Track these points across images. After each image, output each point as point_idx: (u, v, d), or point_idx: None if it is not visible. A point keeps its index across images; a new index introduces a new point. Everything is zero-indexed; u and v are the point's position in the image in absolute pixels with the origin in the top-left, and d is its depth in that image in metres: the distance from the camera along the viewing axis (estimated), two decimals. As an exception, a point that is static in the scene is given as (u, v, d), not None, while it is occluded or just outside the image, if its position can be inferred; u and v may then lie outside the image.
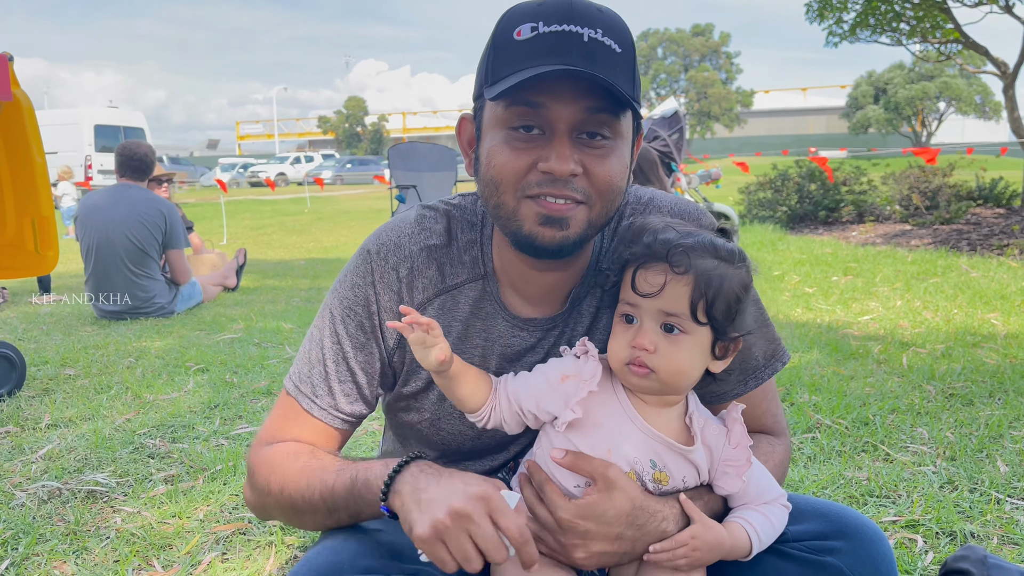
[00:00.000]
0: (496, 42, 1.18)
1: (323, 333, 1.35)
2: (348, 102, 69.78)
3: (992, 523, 2.15)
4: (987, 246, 8.01)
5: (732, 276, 1.16)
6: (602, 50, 1.13)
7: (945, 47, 12.24)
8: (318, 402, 1.34)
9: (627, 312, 1.19)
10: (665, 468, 1.20)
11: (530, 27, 1.14)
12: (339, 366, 1.34)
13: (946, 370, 3.62)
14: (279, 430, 1.36)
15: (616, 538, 1.18)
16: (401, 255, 1.33)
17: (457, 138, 1.34)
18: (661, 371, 1.16)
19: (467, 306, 1.34)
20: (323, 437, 1.35)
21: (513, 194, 1.18)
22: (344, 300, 1.34)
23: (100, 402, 3.45)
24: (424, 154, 10.19)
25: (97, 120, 24.46)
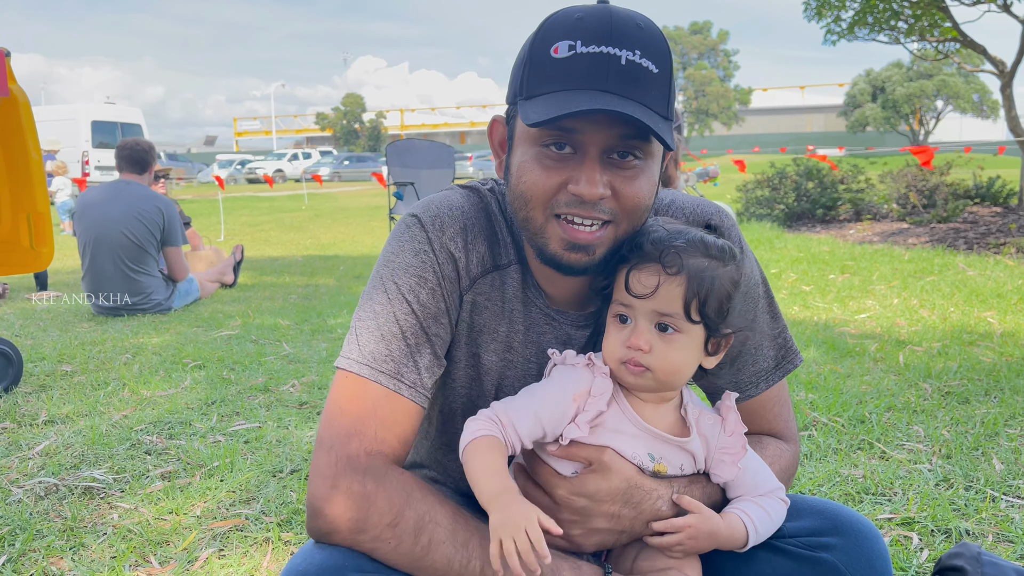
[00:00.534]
0: (533, 55, 1.17)
1: (393, 307, 1.24)
2: (346, 99, 69.69)
3: (987, 521, 2.16)
4: (984, 245, 8.02)
5: (723, 274, 1.18)
6: (639, 73, 1.13)
7: (943, 46, 12.26)
8: (405, 380, 1.22)
9: (621, 312, 1.20)
10: (663, 459, 1.23)
11: (568, 45, 1.13)
12: (419, 338, 1.24)
13: (942, 368, 3.63)
14: (360, 425, 1.19)
15: (612, 516, 1.20)
16: (456, 227, 1.29)
17: (488, 139, 1.33)
18: (657, 370, 1.18)
19: (513, 287, 1.32)
20: (409, 419, 1.23)
21: (542, 211, 1.19)
22: (410, 268, 1.26)
23: (97, 398, 3.45)
24: (422, 151, 10.18)
25: (94, 116, 24.39)
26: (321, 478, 1.17)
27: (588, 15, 1.14)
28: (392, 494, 1.15)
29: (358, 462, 1.17)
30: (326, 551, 1.14)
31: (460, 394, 1.36)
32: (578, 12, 1.16)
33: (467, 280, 1.29)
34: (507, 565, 1.04)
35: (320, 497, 1.16)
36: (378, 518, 1.13)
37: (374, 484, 1.15)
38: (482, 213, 1.33)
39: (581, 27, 1.13)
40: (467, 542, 1.13)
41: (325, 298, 6.21)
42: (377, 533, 1.13)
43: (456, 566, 1.12)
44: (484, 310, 1.32)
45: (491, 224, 1.33)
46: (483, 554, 1.12)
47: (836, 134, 60.60)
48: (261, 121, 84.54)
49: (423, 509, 1.15)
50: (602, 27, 1.13)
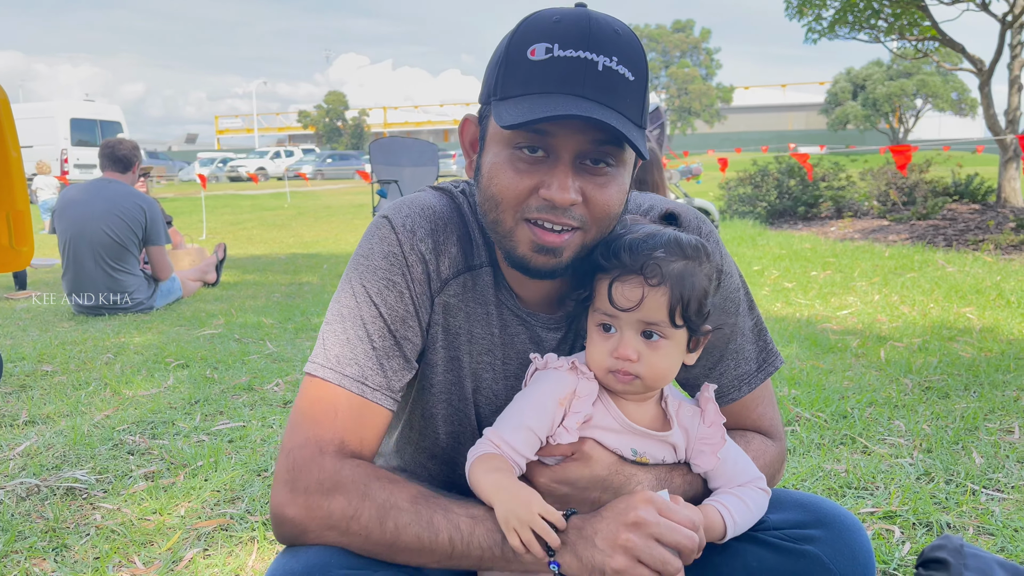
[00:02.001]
0: (509, 56, 1.16)
1: (360, 310, 1.24)
2: (328, 96, 69.35)
3: (968, 514, 2.19)
4: (963, 241, 8.11)
5: (700, 273, 1.19)
6: (615, 80, 1.13)
7: (922, 44, 12.37)
8: (369, 383, 1.22)
9: (605, 322, 1.21)
10: (645, 453, 1.25)
11: (545, 47, 1.12)
12: (386, 341, 1.24)
13: (923, 364, 3.67)
14: (334, 427, 1.20)
15: (593, 502, 1.21)
16: (427, 229, 1.28)
17: (460, 138, 1.31)
18: (645, 376, 1.19)
19: (487, 289, 1.32)
20: (374, 423, 1.23)
21: (512, 214, 1.18)
22: (378, 271, 1.26)
23: (78, 398, 3.42)
24: (405, 149, 10.16)
25: (73, 113, 24.15)
26: (280, 484, 1.18)
27: (566, 18, 1.14)
28: (349, 489, 1.16)
29: (316, 464, 1.18)
30: (311, 550, 1.14)
31: (440, 398, 1.36)
32: (556, 15, 1.15)
33: (438, 282, 1.29)
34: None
35: (280, 503, 1.17)
36: (340, 514, 1.15)
37: (331, 483, 1.16)
38: (454, 214, 1.33)
39: (559, 30, 1.12)
40: (431, 519, 1.14)
41: (309, 296, 6.18)
42: (344, 528, 1.14)
43: (427, 543, 1.13)
44: (458, 312, 1.31)
45: (464, 225, 1.32)
46: (448, 527, 1.14)
47: (817, 132, 61.04)
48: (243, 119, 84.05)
49: (382, 497, 1.15)
50: (580, 31, 1.12)
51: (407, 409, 1.42)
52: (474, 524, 1.14)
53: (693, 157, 22.98)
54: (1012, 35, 10.48)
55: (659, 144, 8.00)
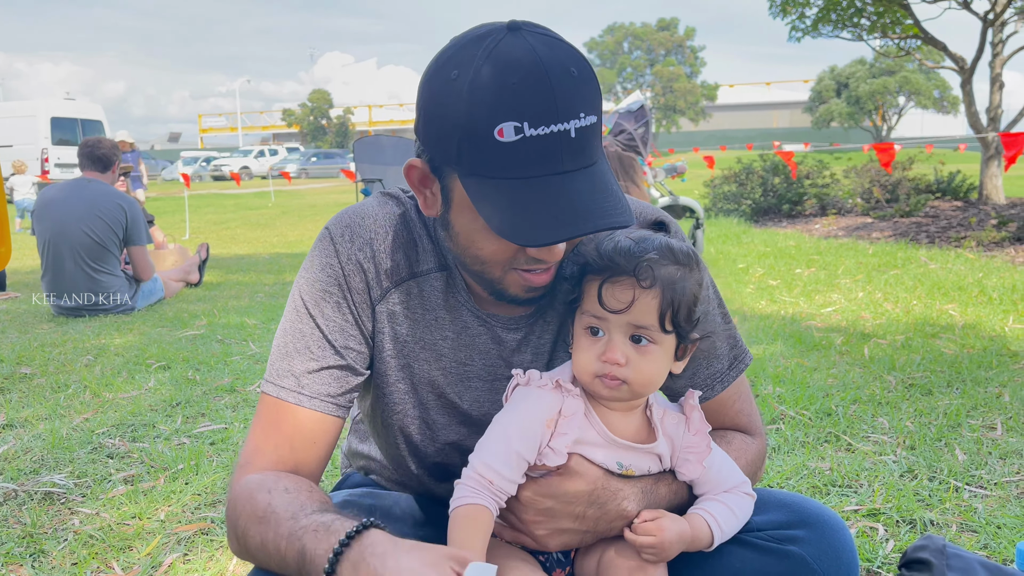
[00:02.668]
0: (473, 130, 1.06)
1: (299, 323, 1.27)
2: (313, 95, 69.06)
3: (951, 511, 2.19)
4: (945, 238, 8.17)
5: (690, 280, 1.18)
6: (587, 134, 1.09)
7: (905, 43, 12.46)
8: (306, 391, 1.24)
9: (593, 325, 1.18)
10: (631, 465, 1.23)
11: (513, 127, 1.04)
12: (324, 351, 1.25)
13: (906, 361, 3.68)
14: (263, 442, 1.24)
15: (577, 516, 1.20)
16: (366, 237, 1.28)
17: (406, 177, 1.24)
18: (633, 382, 1.17)
19: (436, 295, 1.31)
20: (316, 430, 1.24)
21: (501, 269, 1.19)
22: (315, 283, 1.27)
23: (57, 401, 3.37)
24: (390, 148, 10.12)
25: (54, 112, 23.89)
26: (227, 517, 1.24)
27: (522, 80, 1.04)
28: (240, 496, 1.19)
29: (244, 485, 1.21)
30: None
31: (396, 408, 1.35)
32: (512, 76, 1.04)
33: (378, 290, 1.29)
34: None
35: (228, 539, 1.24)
36: (234, 522, 1.19)
37: (233, 493, 1.21)
38: (398, 221, 1.31)
39: (522, 104, 1.04)
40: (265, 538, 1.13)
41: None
42: (240, 539, 1.18)
43: (272, 555, 1.12)
44: (405, 319, 1.30)
45: (409, 231, 1.31)
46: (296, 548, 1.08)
47: (801, 130, 61.41)
48: (227, 117, 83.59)
49: (261, 505, 1.15)
50: (545, 100, 1.04)
51: (368, 417, 1.44)
52: (288, 543, 1.09)
53: (678, 155, 23.06)
54: (994, 33, 10.58)
55: (644, 142, 8.01)
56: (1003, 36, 10.68)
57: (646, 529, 1.19)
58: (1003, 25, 10.57)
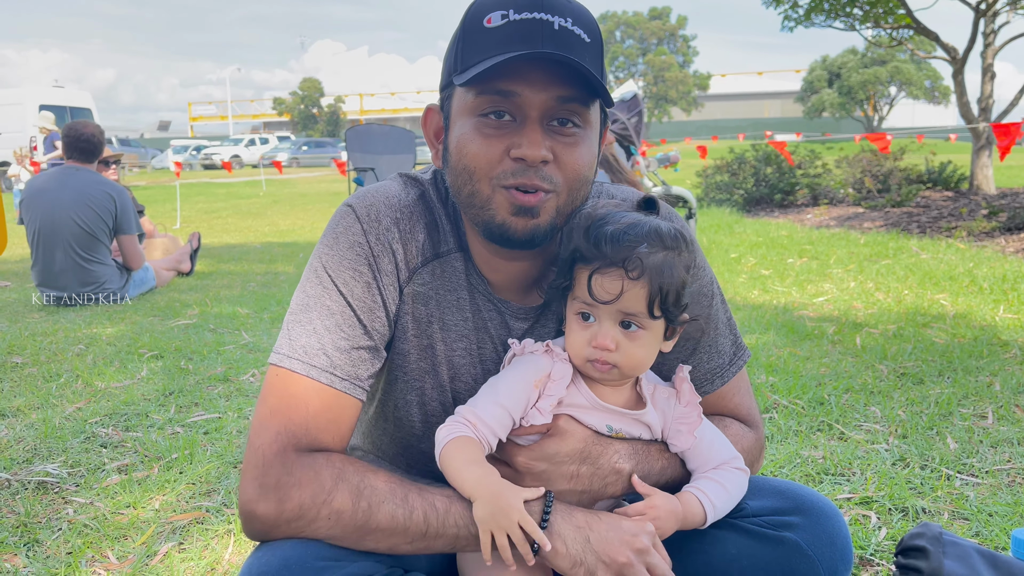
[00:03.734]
0: (465, 30, 1.18)
1: (327, 300, 1.22)
2: (304, 83, 68.68)
3: (943, 499, 2.21)
4: (936, 228, 8.20)
5: (678, 264, 1.19)
6: (572, 38, 1.15)
7: (897, 32, 12.46)
8: (339, 373, 1.20)
9: (584, 311, 1.21)
10: (621, 430, 1.26)
11: (500, 15, 1.15)
12: (354, 331, 1.22)
13: (897, 350, 3.70)
14: (303, 419, 1.18)
15: (571, 476, 1.22)
16: (392, 217, 1.27)
17: (423, 129, 1.31)
18: (623, 365, 1.20)
19: (458, 275, 1.31)
20: (344, 414, 1.21)
21: (488, 182, 1.18)
22: (344, 261, 1.23)
23: (49, 390, 3.36)
24: (381, 136, 10.08)
25: (42, 100, 23.66)
26: (250, 480, 1.15)
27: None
28: (323, 475, 1.14)
29: (288, 459, 1.15)
30: (287, 544, 1.13)
31: (414, 387, 1.34)
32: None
33: (406, 272, 1.28)
34: (498, 557, 1.10)
35: (250, 500, 1.14)
36: (311, 502, 1.13)
37: (301, 474, 1.14)
38: (420, 201, 1.31)
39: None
40: (406, 497, 1.14)
41: (284, 285, 6.13)
42: (314, 515, 1.13)
43: (401, 521, 1.13)
44: (429, 300, 1.30)
45: (430, 212, 1.31)
46: (423, 504, 1.14)
47: (793, 119, 61.48)
48: (217, 106, 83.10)
49: (356, 480, 1.15)
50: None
51: (378, 400, 1.41)
52: (450, 503, 1.14)
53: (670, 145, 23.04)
54: (986, 23, 10.59)
55: (636, 132, 8.00)
56: (995, 26, 10.69)
57: (637, 509, 1.20)
58: (995, 15, 10.59)
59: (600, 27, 1.21)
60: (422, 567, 1.24)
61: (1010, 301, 4.73)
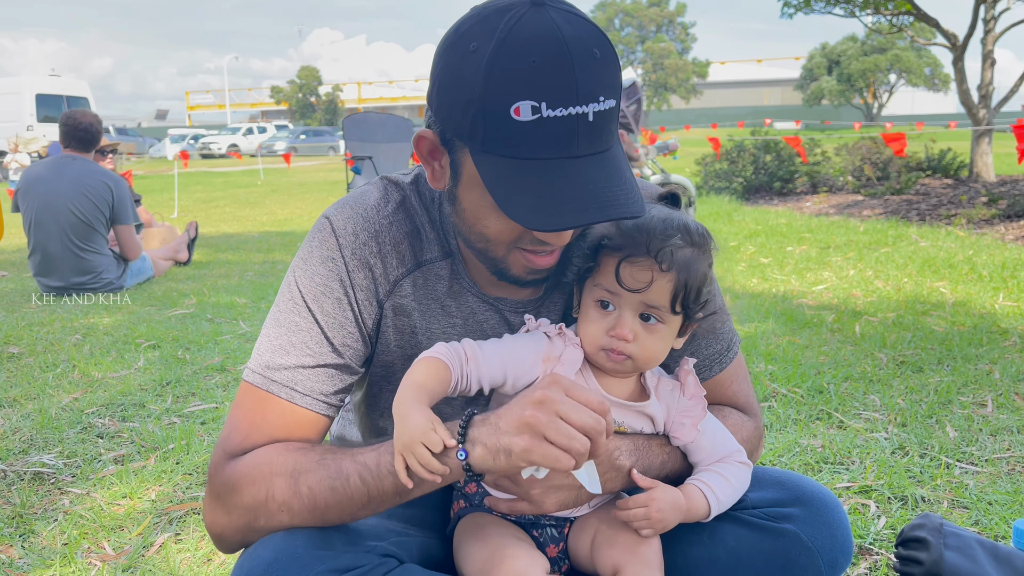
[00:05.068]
0: (487, 107, 1.03)
1: (295, 315, 1.22)
2: (301, 72, 68.42)
3: (942, 487, 2.20)
4: (936, 216, 8.18)
5: (703, 262, 1.19)
6: (605, 119, 1.05)
7: (897, 19, 12.39)
8: (300, 388, 1.20)
9: (604, 298, 1.19)
10: (623, 423, 1.25)
11: (531, 107, 1.01)
12: (321, 348, 1.22)
13: (897, 338, 3.69)
14: (249, 433, 1.20)
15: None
16: (372, 231, 1.25)
17: (415, 149, 1.22)
18: (637, 357, 1.19)
19: (441, 283, 1.29)
20: (305, 428, 1.21)
21: (505, 248, 1.17)
22: (315, 276, 1.23)
23: (46, 381, 3.35)
24: (379, 124, 10.04)
25: (39, 89, 23.63)
26: (206, 499, 1.21)
27: (543, 58, 1.00)
28: (255, 474, 1.15)
29: (225, 467, 1.19)
30: (277, 537, 1.13)
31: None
32: (532, 55, 1.01)
33: (386, 286, 1.26)
34: (416, 478, 1.08)
35: (206, 517, 1.20)
36: (254, 501, 1.14)
37: (236, 477, 1.16)
38: (401, 209, 1.28)
39: (541, 82, 1.01)
40: (340, 466, 1.13)
41: (282, 275, 6.07)
42: (267, 512, 1.14)
43: (341, 491, 1.12)
44: (412, 311, 1.28)
45: (411, 220, 1.28)
46: (355, 467, 1.13)
47: (793, 107, 61.33)
48: (214, 95, 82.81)
49: (289, 465, 1.15)
50: (565, 80, 1.01)
51: (370, 414, 1.40)
52: (379, 455, 1.12)
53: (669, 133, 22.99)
54: (986, 9, 10.53)
55: (636, 119, 7.98)
56: (995, 12, 10.63)
57: (637, 501, 1.19)
58: (996, 1, 10.52)
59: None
60: (414, 556, 1.23)
61: (1009, 289, 4.72)
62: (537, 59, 1.01)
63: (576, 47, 1.02)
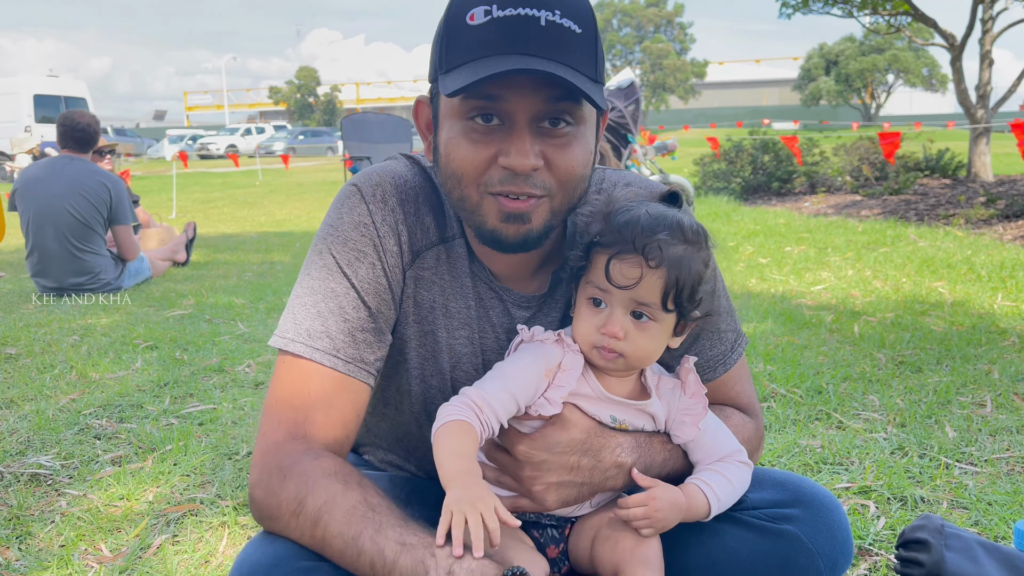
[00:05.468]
0: (448, 25, 1.12)
1: (331, 281, 1.20)
2: (300, 72, 68.40)
3: (942, 488, 2.20)
4: (934, 216, 8.18)
5: (697, 259, 1.18)
6: (561, 33, 1.08)
7: (895, 19, 12.39)
8: (343, 356, 1.18)
9: (596, 296, 1.19)
10: (624, 420, 1.25)
11: (483, 10, 1.07)
12: (359, 313, 1.19)
13: (896, 338, 3.69)
14: (305, 409, 1.16)
15: (572, 468, 1.20)
16: (398, 197, 1.24)
17: (415, 121, 1.27)
18: (629, 355, 1.19)
19: (461, 261, 1.28)
20: (351, 398, 1.19)
21: (475, 188, 1.15)
22: (348, 242, 1.21)
23: (43, 382, 3.33)
24: (377, 125, 10.05)
25: (37, 90, 23.60)
26: (255, 465, 1.17)
27: None
28: (298, 483, 1.12)
29: (283, 448, 1.15)
30: (278, 542, 1.12)
31: (415, 374, 1.32)
32: None
33: (409, 255, 1.25)
34: (451, 540, 1.02)
35: (252, 484, 1.17)
36: (285, 507, 1.12)
37: (288, 469, 1.14)
38: (427, 184, 1.28)
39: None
40: (358, 538, 1.07)
41: (281, 275, 6.10)
42: (285, 522, 1.12)
43: (349, 559, 1.07)
44: (432, 285, 1.27)
45: (436, 196, 1.28)
46: (372, 551, 1.05)
47: (791, 107, 61.38)
48: (213, 95, 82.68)
49: (322, 500, 1.10)
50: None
51: (378, 386, 1.38)
52: (398, 554, 1.04)
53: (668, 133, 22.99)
54: (984, 9, 10.53)
55: (634, 120, 7.97)
56: (993, 12, 10.64)
57: (637, 500, 1.19)
58: (993, 1, 10.53)
59: (595, 12, 1.17)
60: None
61: (1008, 289, 4.72)
62: None
63: None
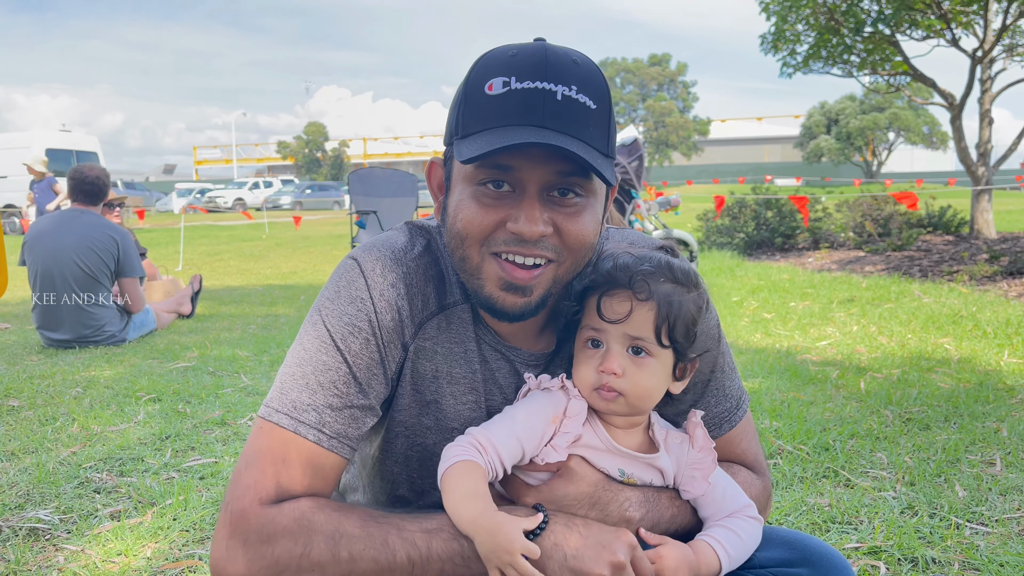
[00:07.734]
0: (467, 93, 1.15)
1: (323, 355, 1.20)
2: (308, 127, 69.47)
3: (953, 548, 2.16)
4: (938, 272, 8.19)
5: (689, 299, 1.20)
6: (576, 108, 1.11)
7: (894, 79, 12.60)
8: (327, 431, 1.17)
9: (593, 337, 1.21)
10: (632, 474, 1.24)
11: (502, 81, 1.11)
12: (349, 388, 1.19)
13: (902, 395, 3.66)
14: (279, 478, 1.15)
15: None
16: (398, 273, 1.25)
17: (427, 182, 1.30)
18: (629, 394, 1.19)
19: (464, 327, 1.29)
20: (328, 472, 1.19)
21: (478, 249, 1.17)
22: (344, 316, 1.21)
23: (44, 434, 3.32)
24: (384, 179, 10.13)
25: (49, 144, 23.92)
26: (218, 538, 1.15)
27: (523, 52, 1.13)
28: (293, 529, 1.12)
29: (255, 513, 1.14)
30: None
31: (416, 443, 1.31)
32: (512, 49, 1.14)
33: (411, 328, 1.26)
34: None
35: (220, 560, 1.13)
36: (287, 557, 1.11)
37: (272, 528, 1.12)
38: (427, 253, 1.30)
39: (515, 63, 1.12)
40: (386, 540, 1.11)
41: (285, 328, 6.10)
42: (296, 569, 1.11)
43: (385, 565, 1.10)
44: (435, 355, 1.27)
45: (437, 264, 1.30)
46: (404, 546, 1.11)
47: (793, 164, 61.98)
48: (222, 150, 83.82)
49: (331, 527, 1.12)
50: (537, 63, 1.11)
51: (374, 458, 1.38)
52: (430, 538, 1.11)
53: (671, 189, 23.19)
54: (982, 70, 10.71)
55: (637, 176, 8.06)
56: (991, 73, 10.81)
57: (642, 558, 1.17)
58: (992, 62, 10.71)
59: (605, 79, 1.20)
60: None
61: (1014, 346, 4.70)
62: (516, 52, 1.14)
63: (556, 49, 1.15)
